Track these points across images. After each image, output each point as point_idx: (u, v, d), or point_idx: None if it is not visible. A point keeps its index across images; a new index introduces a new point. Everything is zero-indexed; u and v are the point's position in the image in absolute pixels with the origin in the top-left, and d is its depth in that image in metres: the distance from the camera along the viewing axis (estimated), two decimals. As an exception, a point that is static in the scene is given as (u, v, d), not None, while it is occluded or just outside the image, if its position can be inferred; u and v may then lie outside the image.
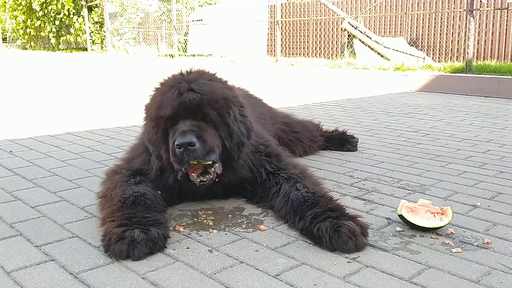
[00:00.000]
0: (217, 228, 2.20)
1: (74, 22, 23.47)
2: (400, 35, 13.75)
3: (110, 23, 20.41)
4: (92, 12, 23.36)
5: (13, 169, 3.22)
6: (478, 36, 13.22)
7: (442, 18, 14.36)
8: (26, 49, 29.25)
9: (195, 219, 2.30)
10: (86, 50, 22.68)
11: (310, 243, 2.02)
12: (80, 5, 22.82)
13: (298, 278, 1.73)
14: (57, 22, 24.15)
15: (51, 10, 23.99)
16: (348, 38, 12.54)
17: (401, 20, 14.53)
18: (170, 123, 2.26)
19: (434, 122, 5.09)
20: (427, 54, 13.36)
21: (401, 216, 2.16)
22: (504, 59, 13.03)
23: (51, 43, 25.73)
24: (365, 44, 11.93)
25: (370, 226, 2.14)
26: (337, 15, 14.07)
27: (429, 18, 14.62)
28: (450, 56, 12.63)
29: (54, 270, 1.80)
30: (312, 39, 14.55)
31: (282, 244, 2.02)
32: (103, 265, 1.83)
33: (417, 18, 14.75)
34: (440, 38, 14.36)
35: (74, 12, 23.47)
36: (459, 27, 13.70)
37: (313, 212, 2.09)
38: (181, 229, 2.17)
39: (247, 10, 16.75)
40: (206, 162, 2.23)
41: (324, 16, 15.45)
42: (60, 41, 25.26)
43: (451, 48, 13.52)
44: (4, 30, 33.75)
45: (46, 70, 13.95)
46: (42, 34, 26.35)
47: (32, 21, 25.84)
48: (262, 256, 1.91)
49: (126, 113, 5.77)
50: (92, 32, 23.29)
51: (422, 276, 1.75)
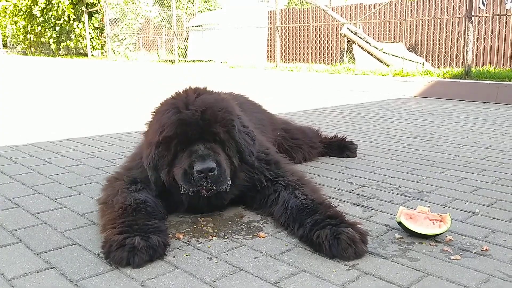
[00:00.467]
0: (216, 235, 2.20)
1: (75, 28, 23.58)
2: (399, 41, 13.81)
3: (110, 29, 20.50)
4: (92, 18, 23.48)
5: (13, 175, 3.23)
6: (477, 42, 13.29)
7: (441, 24, 14.44)
8: (27, 54, 29.33)
9: (195, 226, 2.31)
10: (86, 55, 22.79)
11: (309, 250, 2.02)
12: (80, 11, 22.94)
13: (298, 285, 1.74)
14: (57, 28, 24.26)
15: (52, 16, 24.09)
16: (347, 44, 12.60)
17: (400, 26, 14.61)
18: (181, 146, 2.24)
19: (433, 128, 5.10)
20: (426, 60, 13.41)
21: (400, 223, 2.17)
22: (503, 65, 13.09)
23: (52, 49, 25.83)
24: (364, 50, 11.98)
25: (369, 233, 2.14)
26: (336, 21, 14.13)
27: (428, 24, 14.70)
28: (449, 62, 12.68)
29: (54, 278, 1.80)
30: (311, 45, 14.60)
31: (281, 251, 2.03)
32: (103, 272, 1.84)
33: (416, 24, 14.83)
34: (439, 44, 14.43)
35: (74, 18, 23.58)
36: (458, 33, 13.78)
37: (312, 219, 2.10)
38: (180, 236, 2.17)
39: (247, 16, 16.82)
40: (221, 189, 2.25)
41: (323, 22, 15.53)
42: (60, 46, 25.37)
43: (450, 54, 13.58)
44: (4, 35, 33.87)
45: (46, 76, 13.98)
46: (42, 39, 26.46)
47: (32, 26, 25.96)
48: (262, 263, 1.92)
49: (127, 119, 5.79)
50: (92, 37, 23.40)
51: (420, 283, 1.75)
